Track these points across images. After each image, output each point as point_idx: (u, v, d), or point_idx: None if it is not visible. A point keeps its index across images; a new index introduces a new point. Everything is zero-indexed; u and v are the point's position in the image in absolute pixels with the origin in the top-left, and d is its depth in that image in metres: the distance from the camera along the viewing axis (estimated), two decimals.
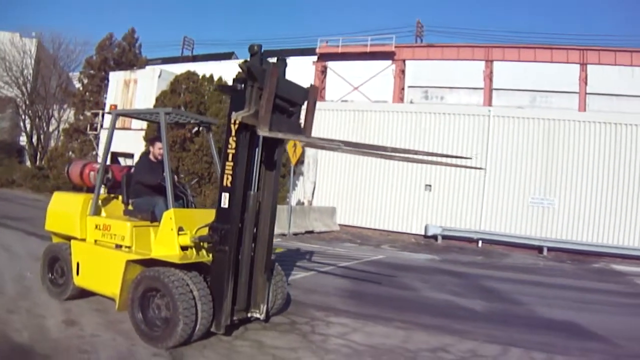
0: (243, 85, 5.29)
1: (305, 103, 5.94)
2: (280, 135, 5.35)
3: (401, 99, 28.40)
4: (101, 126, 26.87)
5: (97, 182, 6.51)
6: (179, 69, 26.08)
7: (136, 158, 23.02)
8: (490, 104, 26.63)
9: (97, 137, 27.23)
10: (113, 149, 22.86)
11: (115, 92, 25.75)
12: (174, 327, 5.07)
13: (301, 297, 8.11)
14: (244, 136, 5.34)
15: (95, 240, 6.36)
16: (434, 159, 4.90)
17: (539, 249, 20.16)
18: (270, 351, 5.53)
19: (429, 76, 28.30)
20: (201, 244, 5.67)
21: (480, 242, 21.13)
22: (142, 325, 5.36)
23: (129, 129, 24.51)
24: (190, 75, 20.22)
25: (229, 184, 5.39)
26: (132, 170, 6.97)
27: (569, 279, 14.14)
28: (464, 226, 21.60)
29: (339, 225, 22.72)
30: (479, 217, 21.52)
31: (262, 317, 6.11)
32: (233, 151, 5.35)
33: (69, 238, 6.64)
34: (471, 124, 22.01)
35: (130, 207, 6.54)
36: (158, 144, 6.62)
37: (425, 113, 22.87)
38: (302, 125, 5.95)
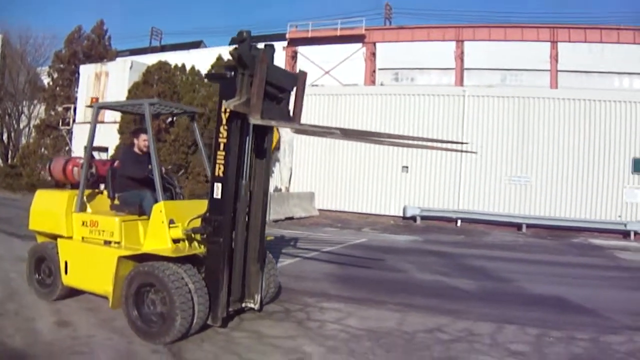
0: (233, 73, 5.17)
1: (295, 89, 5.83)
2: (273, 123, 5.28)
3: (372, 82, 28.39)
4: (73, 121, 26.32)
5: (82, 177, 6.31)
6: (149, 59, 25.64)
7: (111, 151, 22.65)
8: (461, 84, 26.74)
9: (69, 132, 26.65)
10: (85, 143, 22.44)
11: (87, 85, 25.20)
12: (172, 322, 4.97)
13: (291, 284, 8.06)
14: (235, 125, 5.23)
15: (83, 238, 6.19)
16: (430, 143, 4.87)
17: (518, 226, 20.38)
18: (269, 341, 5.49)
19: (399, 58, 28.28)
20: (193, 235, 5.57)
21: (459, 222, 21.23)
22: (138, 322, 5.25)
23: (102, 122, 23.99)
24: (163, 65, 19.92)
25: (221, 174, 5.29)
26: (117, 164, 6.80)
27: (552, 255, 14.35)
28: (442, 206, 21.69)
29: (318, 210, 22.70)
30: (457, 197, 21.63)
31: (256, 307, 6.06)
32: (224, 140, 5.25)
33: (54, 237, 6.46)
34: (446, 104, 22.00)
35: (116, 202, 6.38)
36: (143, 136, 6.46)
37: (400, 95, 22.78)
38: (292, 111, 5.86)
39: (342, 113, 22.93)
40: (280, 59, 28.83)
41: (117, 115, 22.21)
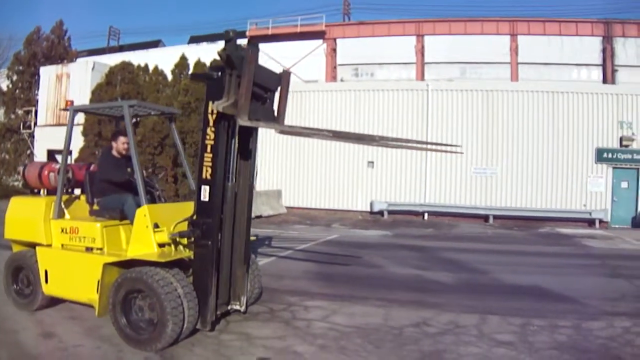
0: (220, 73, 5.09)
1: (279, 89, 5.79)
2: (261, 125, 5.22)
3: (334, 78, 28.46)
4: (35, 124, 25.54)
5: (59, 183, 6.12)
6: (109, 60, 25.07)
7: (74, 155, 22.15)
8: (422, 78, 27.06)
9: (31, 135, 25.86)
10: (48, 146, 21.92)
11: (48, 87, 24.46)
12: (163, 328, 4.89)
13: (272, 284, 7.99)
14: (222, 126, 5.15)
15: (63, 245, 6.01)
16: (422, 145, 4.90)
17: (485, 218, 20.82)
18: (260, 342, 5.45)
19: (360, 54, 28.32)
20: (178, 239, 5.48)
21: (426, 215, 21.60)
22: (127, 330, 5.14)
23: (65, 124, 23.39)
24: (125, 65, 19.51)
25: (208, 176, 5.21)
26: (93, 167, 6.65)
27: (522, 245, 14.73)
28: (408, 200, 21.97)
29: (286, 207, 22.70)
30: (423, 191, 21.92)
31: (242, 309, 6.03)
32: (212, 142, 5.17)
33: (32, 245, 6.26)
34: (410, 98, 22.26)
35: (95, 207, 6.22)
36: (122, 139, 6.31)
37: (363, 90, 22.90)
38: (276, 111, 5.82)
39: (305, 110, 22.93)
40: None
41: (80, 118, 21.67)
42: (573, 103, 20.72)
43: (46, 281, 6.02)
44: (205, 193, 5.22)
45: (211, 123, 5.17)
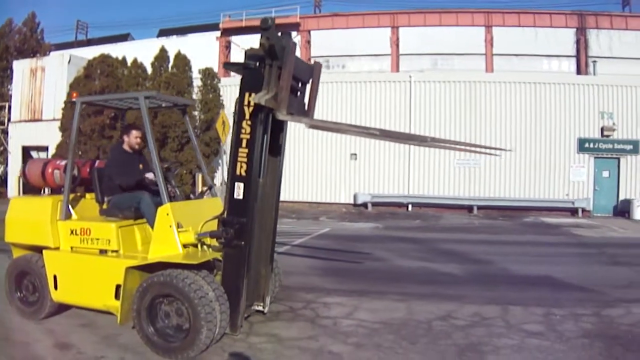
0: (257, 63, 4.76)
1: (310, 81, 5.47)
2: (304, 121, 4.88)
3: None
4: (9, 120, 24.44)
5: (66, 181, 5.68)
6: (81, 53, 24.29)
7: (51, 150, 21.36)
8: (397, 70, 27.06)
9: (4, 132, 24.75)
10: (23, 143, 21.14)
11: (21, 82, 23.38)
12: (197, 334, 4.56)
13: (282, 281, 7.77)
14: (259, 120, 4.83)
15: (72, 248, 5.59)
16: (470, 147, 4.69)
17: (469, 208, 20.91)
18: (292, 343, 5.20)
19: (334, 45, 28.13)
20: (202, 240, 5.15)
21: (410, 206, 21.58)
22: (155, 338, 4.79)
23: (40, 120, 22.63)
24: (105, 58, 18.86)
25: (243, 173, 4.87)
26: (98, 163, 6.26)
27: (514, 235, 14.78)
28: (392, 192, 21.92)
29: None
30: (406, 182, 21.89)
31: (265, 309, 5.78)
32: (248, 136, 4.83)
33: (37, 249, 5.81)
34: (392, 90, 22.14)
35: (105, 206, 5.83)
36: (134, 132, 5.92)
37: (344, 82, 22.67)
38: (306, 104, 5.53)
39: None
40: (213, 50, 28.36)
41: (56, 113, 20.93)
42: (555, 94, 20.90)
43: (55, 287, 5.58)
44: (239, 190, 4.88)
45: (247, 116, 4.84)
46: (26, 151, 23.94)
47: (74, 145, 5.85)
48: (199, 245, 5.13)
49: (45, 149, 22.23)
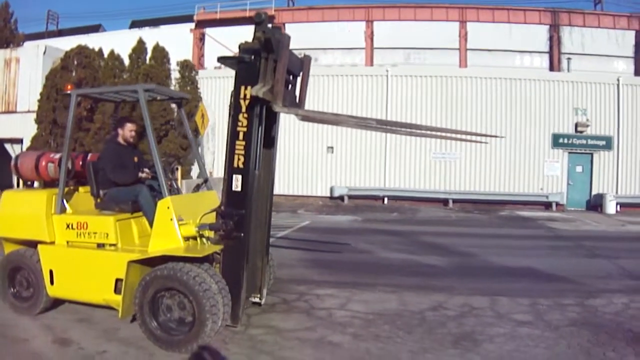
0: (252, 57, 4.81)
1: (301, 74, 5.57)
2: (300, 112, 4.98)
3: None
4: None
5: (61, 174, 5.61)
6: (52, 44, 23.69)
7: (26, 143, 20.83)
8: (371, 64, 27.20)
9: None
10: None
11: None
12: (201, 327, 4.60)
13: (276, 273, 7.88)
14: (254, 112, 4.88)
15: (68, 242, 5.55)
16: (462, 136, 4.80)
17: (444, 202, 21.18)
18: (291, 335, 5.29)
19: (308, 38, 28.04)
20: (201, 232, 5.17)
21: (386, 199, 21.74)
22: (158, 332, 4.80)
23: (14, 111, 21.99)
24: (82, 49, 18.43)
25: (241, 165, 4.92)
26: (92, 157, 6.20)
27: (492, 228, 15.10)
28: (368, 185, 22.03)
29: None
30: (383, 175, 21.98)
31: (262, 301, 5.86)
32: (244, 129, 4.88)
33: (30, 243, 5.76)
34: (369, 84, 22.20)
35: (99, 200, 5.79)
36: (129, 125, 5.88)
37: (322, 76, 22.50)
38: (297, 97, 5.60)
39: None
40: (187, 41, 28.11)
41: (31, 105, 20.39)
42: (530, 90, 21.23)
43: (51, 282, 5.53)
44: (237, 183, 4.93)
45: (244, 109, 4.89)
46: (0, 144, 23.34)
47: (70, 138, 5.76)
48: (199, 238, 5.15)
49: (20, 141, 21.64)
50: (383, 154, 21.95)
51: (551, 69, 26.26)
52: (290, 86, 5.47)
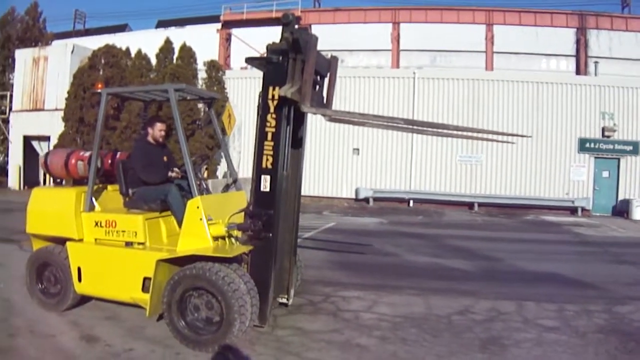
0: (280, 58, 4.81)
1: (328, 74, 5.54)
2: (328, 112, 4.94)
3: None
4: (10, 109, 24.17)
5: (91, 172, 5.66)
6: (79, 43, 24.09)
7: (53, 141, 21.19)
8: (397, 66, 27.12)
9: (6, 121, 24.52)
10: (25, 132, 20.95)
11: (23, 71, 23.03)
12: (229, 327, 4.60)
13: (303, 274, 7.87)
14: (283, 113, 4.87)
15: (96, 240, 5.57)
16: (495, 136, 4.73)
17: (470, 205, 20.95)
18: (318, 336, 5.26)
19: (334, 40, 28.05)
20: (229, 232, 5.17)
21: (411, 202, 21.59)
22: (185, 331, 4.81)
23: (42, 109, 22.39)
24: (109, 49, 18.71)
25: (269, 166, 4.92)
26: (121, 155, 6.23)
27: (517, 233, 14.88)
28: (394, 187, 21.91)
29: None
30: (408, 178, 21.84)
31: (290, 302, 5.83)
32: (273, 130, 4.88)
33: (58, 240, 5.80)
34: (395, 86, 22.08)
35: (128, 198, 5.81)
36: (158, 125, 5.90)
37: (348, 77, 22.44)
38: (325, 98, 5.58)
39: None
40: (214, 42, 28.22)
41: (59, 103, 20.73)
42: (556, 94, 20.89)
43: (79, 279, 5.56)
44: (265, 183, 4.93)
45: (272, 110, 4.88)
46: (27, 141, 23.74)
47: (99, 136, 5.80)
48: (227, 238, 5.15)
49: (47, 138, 22.04)
50: (409, 157, 21.82)
51: (577, 72, 25.93)
52: (317, 87, 5.45)
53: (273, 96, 4.84)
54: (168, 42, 19.35)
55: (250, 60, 5.17)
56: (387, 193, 21.76)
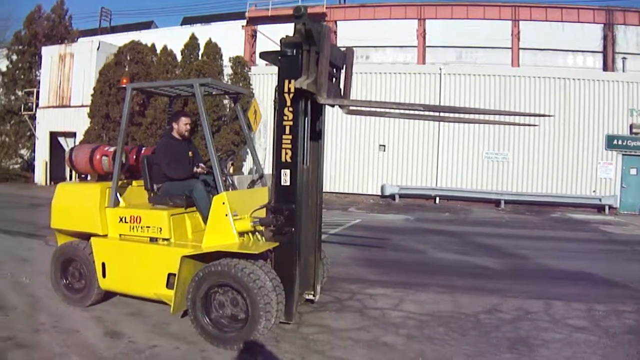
0: (294, 51, 4.77)
1: (344, 66, 5.48)
2: (345, 102, 4.87)
3: None
4: (37, 106, 24.62)
5: (115, 168, 5.64)
6: (105, 40, 24.34)
7: (79, 137, 21.46)
8: (423, 62, 26.83)
9: (33, 117, 24.96)
10: (51, 128, 21.28)
11: (50, 68, 23.42)
12: (254, 324, 4.54)
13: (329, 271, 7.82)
14: (300, 106, 4.82)
15: (120, 235, 5.57)
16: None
17: (496, 203, 20.63)
18: (344, 334, 5.18)
19: (359, 36, 27.86)
20: (255, 228, 5.11)
21: (437, 199, 21.35)
22: (210, 328, 4.77)
23: (68, 106, 22.70)
24: (135, 45, 18.83)
25: (288, 159, 4.87)
26: (146, 150, 6.21)
27: (545, 230, 14.64)
28: (420, 184, 21.70)
29: None
30: (434, 174, 21.64)
31: (316, 297, 5.75)
32: (290, 123, 4.83)
33: (82, 235, 5.81)
34: (422, 82, 21.87)
35: (152, 194, 5.79)
36: (183, 119, 5.85)
37: (374, 73, 22.41)
38: (342, 90, 5.50)
39: None
40: (239, 38, 28.28)
41: (85, 99, 20.97)
42: (583, 90, 20.49)
43: (103, 275, 5.55)
44: (285, 177, 4.88)
45: (289, 103, 4.83)
46: (54, 137, 24.09)
47: (124, 131, 5.79)
48: (250, 234, 5.10)
49: (73, 134, 22.34)
50: (435, 153, 21.61)
51: (605, 68, 25.35)
52: (334, 79, 5.39)
53: (289, 89, 4.80)
54: (193, 39, 19.38)
55: (264, 55, 5.16)
56: (413, 190, 21.56)
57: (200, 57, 18.85)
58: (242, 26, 29.60)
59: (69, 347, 4.72)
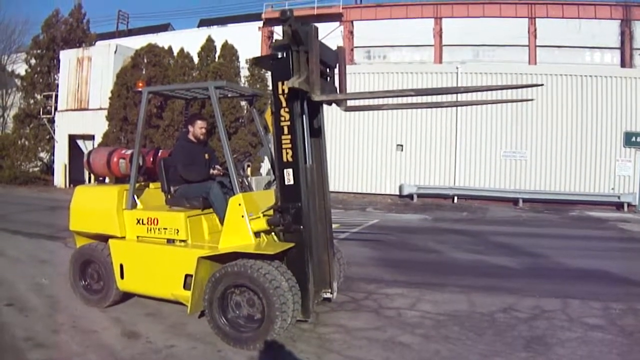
0: (284, 53, 4.83)
1: (337, 65, 5.51)
2: (339, 97, 4.94)
3: (351, 61, 28.05)
4: (55, 109, 24.96)
5: (132, 171, 5.72)
6: (122, 44, 24.57)
7: (97, 139, 21.72)
8: (440, 61, 26.76)
9: (52, 120, 25.31)
10: (70, 131, 21.58)
11: (68, 71, 23.75)
12: (270, 325, 4.58)
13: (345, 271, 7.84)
14: (296, 105, 4.89)
15: (138, 237, 5.65)
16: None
17: (514, 201, 20.54)
18: (360, 334, 5.20)
19: (376, 36, 27.94)
20: (272, 227, 5.15)
21: (455, 198, 21.33)
22: (227, 328, 4.82)
23: (86, 109, 22.99)
24: (152, 48, 19.00)
25: (289, 159, 4.92)
26: (162, 153, 6.29)
27: (562, 229, 14.54)
28: (437, 183, 21.70)
29: None
30: (452, 174, 21.65)
31: (333, 296, 5.70)
32: (287, 123, 4.89)
33: (101, 237, 5.89)
34: (439, 81, 21.73)
35: (169, 196, 5.86)
36: (199, 122, 5.93)
37: (391, 73, 22.43)
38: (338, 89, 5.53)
39: None
40: (255, 40, 28.43)
41: (103, 102, 21.20)
42: (601, 87, 20.32)
43: (122, 276, 5.63)
44: (289, 176, 4.93)
45: (284, 104, 4.89)
46: (72, 140, 24.39)
47: (141, 135, 5.86)
48: (265, 235, 5.16)
49: (92, 137, 22.59)
50: (453, 153, 21.63)
51: (622, 65, 25.07)
52: (328, 79, 5.43)
53: (283, 90, 4.85)
54: (210, 41, 19.50)
55: (257, 61, 5.19)
56: (431, 189, 21.57)
57: (217, 59, 18.94)
58: (259, 27, 29.77)
59: (88, 347, 4.80)
